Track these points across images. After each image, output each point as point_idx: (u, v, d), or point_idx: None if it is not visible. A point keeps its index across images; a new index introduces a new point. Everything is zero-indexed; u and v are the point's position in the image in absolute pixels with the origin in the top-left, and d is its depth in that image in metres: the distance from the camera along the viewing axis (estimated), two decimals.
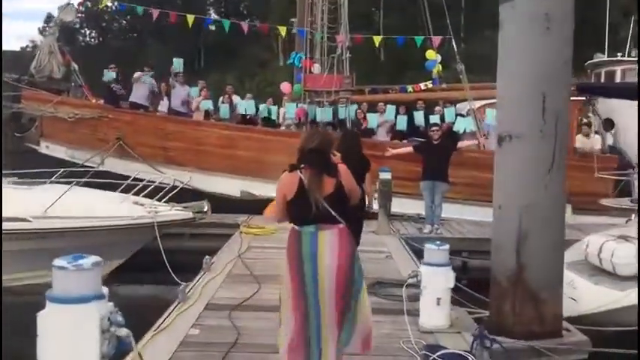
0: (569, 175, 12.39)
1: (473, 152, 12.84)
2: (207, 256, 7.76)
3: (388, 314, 6.02)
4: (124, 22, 72.62)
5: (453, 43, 13.48)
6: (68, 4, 14.55)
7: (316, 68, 13.75)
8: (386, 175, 10.87)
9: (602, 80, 15.00)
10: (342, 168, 4.02)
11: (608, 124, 13.83)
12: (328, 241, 3.80)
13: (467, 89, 13.51)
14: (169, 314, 5.78)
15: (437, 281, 5.57)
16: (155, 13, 15.02)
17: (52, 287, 3.03)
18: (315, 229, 3.82)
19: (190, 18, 14.94)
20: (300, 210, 3.89)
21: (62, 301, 2.96)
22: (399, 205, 12.04)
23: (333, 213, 3.81)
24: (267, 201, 13.04)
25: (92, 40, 65.87)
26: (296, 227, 3.93)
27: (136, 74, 14.23)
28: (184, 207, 9.45)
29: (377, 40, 14.77)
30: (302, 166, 4.02)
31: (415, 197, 12.21)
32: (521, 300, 5.31)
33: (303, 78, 13.48)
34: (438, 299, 5.53)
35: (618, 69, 14.44)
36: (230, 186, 13.19)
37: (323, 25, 13.94)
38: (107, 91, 14.21)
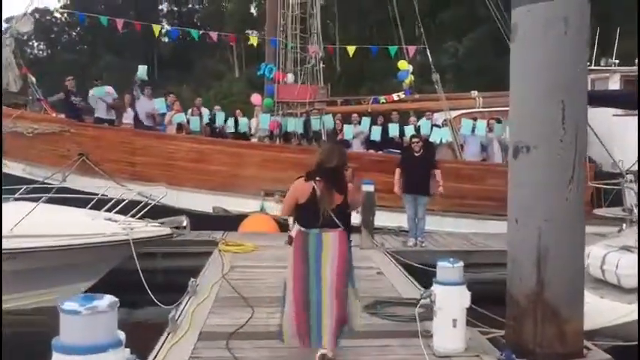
0: None
1: (450, 163, 12.69)
2: (192, 279, 7.25)
3: (396, 337, 5.67)
4: (74, 33, 70.89)
5: (428, 53, 13.31)
6: (25, 14, 13.79)
7: (289, 79, 13.36)
8: (369, 188, 10.53)
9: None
10: (351, 187, 4.82)
11: None
12: (332, 240, 4.69)
13: (443, 99, 13.35)
14: (161, 347, 5.26)
15: (452, 301, 5.23)
16: (119, 23, 14.33)
17: (57, 334, 2.55)
18: (320, 232, 4.68)
19: (156, 28, 14.34)
20: (309, 215, 4.66)
21: (74, 351, 2.50)
22: (378, 218, 11.74)
23: (337, 222, 4.70)
24: (241, 217, 12.63)
25: (40, 52, 63.84)
26: (302, 229, 4.73)
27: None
28: (161, 223, 8.89)
29: (351, 50, 14.51)
30: (317, 178, 4.67)
31: (395, 210, 11.95)
32: (543, 319, 5.03)
33: (277, 89, 13.06)
34: (454, 321, 5.19)
35: (588, 78, 14.47)
36: (202, 202, 12.66)
37: (296, 35, 13.55)
38: (67, 104, 13.47)
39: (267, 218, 12.53)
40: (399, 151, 13.44)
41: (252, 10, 67.28)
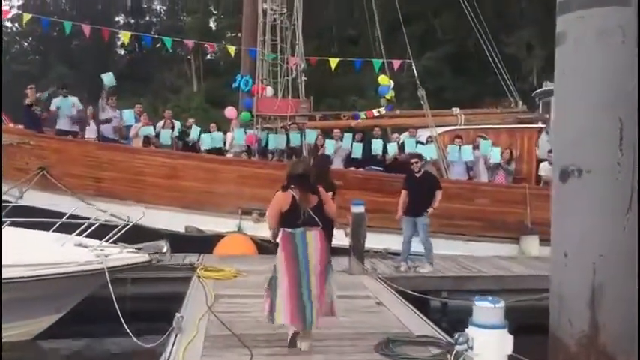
0: (535, 205, 12.16)
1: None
2: (177, 314, 6.40)
3: None
4: (26, 44, 68.50)
5: (414, 67, 12.81)
6: None
7: (269, 91, 12.64)
8: (359, 209, 9.88)
9: (552, 110, 14.84)
10: (321, 189, 5.72)
11: None
12: (313, 237, 5.53)
13: (428, 115, 12.85)
14: None
15: (493, 347, 4.55)
16: (86, 29, 13.36)
17: None
18: (304, 230, 5.50)
19: (126, 35, 13.46)
20: (293, 218, 5.49)
21: None
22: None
23: (316, 219, 5.53)
24: (216, 237, 11.78)
25: None
26: (288, 230, 5.53)
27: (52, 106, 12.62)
28: (138, 248, 8.00)
29: (333, 62, 13.90)
30: (292, 186, 5.53)
31: (382, 231, 11.35)
32: None
33: (256, 102, 12.31)
34: None
35: None
36: (173, 221, 11.74)
37: (275, 45, 12.87)
38: (27, 113, 12.40)
39: (244, 239, 11.73)
40: (381, 168, 12.93)
41: (212, 24, 66.47)
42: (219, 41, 60.32)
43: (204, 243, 11.57)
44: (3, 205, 10.15)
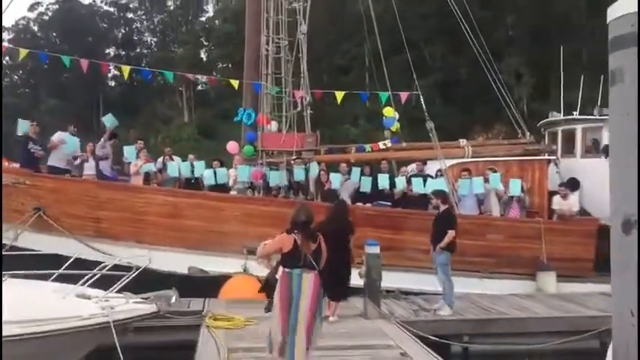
0: (549, 239, 11.77)
1: None
2: None
3: None
4: (16, 77, 68.21)
5: (421, 100, 12.51)
6: None
7: (273, 126, 12.27)
8: (374, 249, 9.45)
9: (560, 140, 14.61)
10: (320, 237, 6.27)
11: (574, 184, 13.28)
12: (308, 279, 6.00)
13: (437, 148, 12.52)
14: None
15: None
16: (84, 63, 12.99)
17: None
18: (301, 272, 5.99)
19: (126, 69, 13.08)
20: (293, 260, 6.02)
21: None
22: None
23: (314, 263, 6.05)
24: (221, 278, 11.28)
25: None
26: (287, 269, 6.06)
27: (55, 137, 12.18)
28: (144, 298, 7.49)
29: (339, 95, 13.59)
30: (295, 231, 6.11)
31: (392, 269, 10.89)
32: None
33: (261, 136, 11.92)
34: None
35: (579, 127, 14.05)
36: (176, 262, 11.23)
37: (279, 79, 12.56)
38: (23, 152, 11.94)
39: (251, 280, 11.16)
40: (389, 203, 12.53)
41: (202, 56, 66.58)
42: (210, 72, 60.50)
43: (209, 284, 11.06)
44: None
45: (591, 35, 39.69)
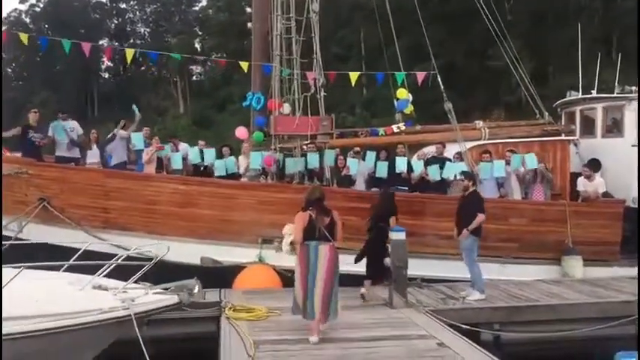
0: (575, 222, 11.35)
1: None
2: None
3: None
4: (9, 70, 67.36)
5: (439, 79, 12.04)
6: None
7: (286, 109, 11.77)
8: (399, 235, 9.03)
9: (578, 120, 14.16)
10: (334, 212, 7.21)
11: (596, 165, 12.87)
12: (324, 250, 7.01)
13: (457, 130, 12.06)
14: None
15: None
16: (86, 47, 12.45)
17: None
18: (317, 244, 7.02)
19: (130, 52, 12.53)
20: (310, 233, 7.02)
21: None
22: None
23: (328, 236, 7.01)
24: (235, 269, 10.83)
25: None
26: (305, 243, 7.07)
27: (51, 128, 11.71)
28: (165, 289, 7.04)
29: (354, 76, 13.09)
30: (310, 208, 7.08)
31: (415, 256, 10.43)
32: None
33: (274, 120, 11.41)
34: None
35: (599, 107, 13.61)
36: (188, 252, 10.72)
37: (289, 60, 12.04)
38: (24, 141, 11.42)
39: (267, 270, 10.79)
40: (406, 187, 12.08)
41: (197, 45, 65.85)
42: (205, 62, 59.73)
43: (222, 275, 10.62)
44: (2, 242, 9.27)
45: (591, 18, 39.32)
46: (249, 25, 63.81)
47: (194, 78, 70.91)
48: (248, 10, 64.99)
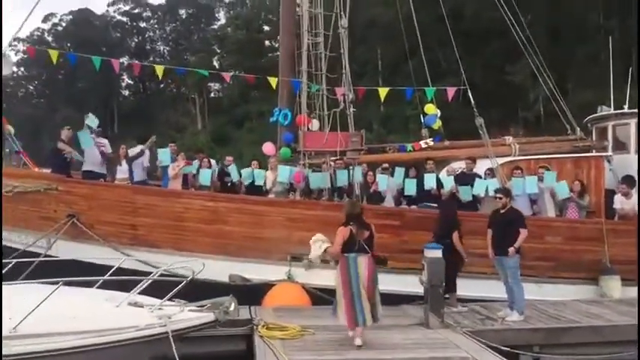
0: (612, 241, 11.03)
1: None
2: None
3: None
4: (31, 87, 68.29)
5: (469, 94, 11.87)
6: (3, 54, 11.73)
7: (314, 125, 11.66)
8: (435, 253, 8.82)
9: (610, 136, 13.88)
10: (372, 226, 7.82)
11: (631, 182, 12.55)
12: (363, 261, 7.56)
13: (488, 145, 11.86)
14: None
15: None
16: (116, 64, 12.50)
17: None
18: (356, 255, 7.55)
19: (160, 69, 12.54)
20: (350, 246, 7.56)
21: None
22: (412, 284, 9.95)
23: (366, 248, 7.59)
24: (263, 287, 10.66)
25: None
26: (345, 255, 7.58)
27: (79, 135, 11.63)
28: (200, 306, 6.92)
29: (383, 92, 12.97)
30: (351, 223, 7.63)
31: None
32: None
33: (303, 136, 11.30)
34: None
35: (632, 122, 13.33)
36: (216, 269, 10.52)
37: (317, 75, 11.95)
38: (55, 157, 11.40)
39: (296, 288, 10.61)
40: (436, 204, 11.87)
41: (215, 63, 66.32)
42: (223, 79, 59.92)
43: (250, 293, 10.43)
44: (32, 258, 9.22)
45: (608, 35, 39.06)
46: (267, 42, 64.64)
47: (212, 95, 71.39)
48: (266, 28, 65.71)
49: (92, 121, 11.94)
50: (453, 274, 9.63)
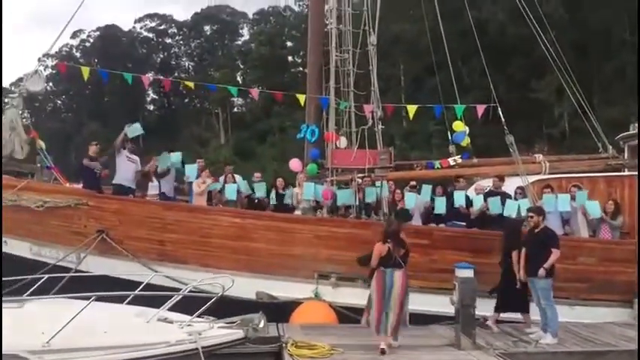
0: None
1: None
2: None
3: None
4: (59, 102, 69.57)
5: (499, 111, 11.74)
6: (36, 71, 11.93)
7: (342, 142, 11.63)
8: (466, 273, 8.67)
9: None
10: (407, 243, 8.45)
11: None
12: (398, 276, 8.22)
13: (519, 163, 11.69)
14: None
15: None
16: (146, 79, 12.64)
17: None
18: (392, 270, 8.23)
19: (190, 84, 12.64)
20: (387, 261, 8.24)
21: None
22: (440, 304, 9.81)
23: (402, 263, 8.27)
24: (290, 304, 10.59)
25: (24, 120, 62.07)
26: (382, 269, 8.26)
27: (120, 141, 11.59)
28: (229, 322, 6.88)
29: (411, 109, 12.92)
30: (388, 240, 8.29)
31: None
32: None
33: (330, 153, 11.27)
34: None
35: None
36: (243, 286, 10.47)
37: (346, 92, 11.95)
38: (85, 172, 11.50)
39: (324, 306, 10.52)
40: (464, 223, 11.73)
41: (239, 78, 66.95)
42: (246, 94, 60.31)
43: (277, 311, 10.35)
44: (63, 274, 9.29)
45: (634, 50, 38.57)
46: (290, 58, 65.04)
47: (235, 110, 71.97)
48: (289, 44, 66.28)
49: (134, 130, 11.67)
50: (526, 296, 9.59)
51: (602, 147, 13.40)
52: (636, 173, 12.50)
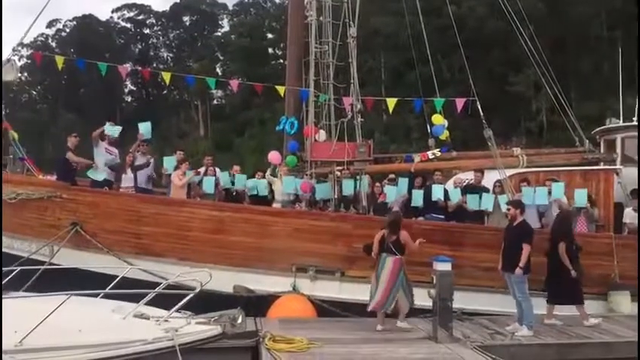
0: (622, 256, 10.86)
1: None
2: None
3: None
4: (34, 92, 68.42)
5: (478, 106, 11.77)
6: (8, 60, 11.68)
7: (322, 135, 11.57)
8: (444, 266, 8.69)
9: (619, 148, 13.75)
10: (402, 232, 9.21)
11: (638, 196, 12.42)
12: (389, 261, 9.03)
13: (496, 157, 11.73)
14: None
15: None
16: (123, 70, 12.42)
17: None
18: (385, 256, 9.05)
19: (167, 75, 12.47)
20: (381, 248, 9.09)
21: None
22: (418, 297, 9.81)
23: (395, 251, 9.03)
24: (268, 298, 10.52)
25: None
26: (379, 255, 9.14)
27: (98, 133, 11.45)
28: (207, 318, 6.80)
29: (391, 103, 12.87)
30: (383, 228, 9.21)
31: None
32: None
33: (310, 147, 11.21)
34: None
35: None
36: (220, 280, 10.37)
37: (325, 84, 11.89)
38: (60, 164, 11.29)
39: (302, 299, 10.48)
40: (442, 216, 11.75)
41: (218, 70, 66.42)
42: (226, 86, 60.00)
43: (255, 304, 10.30)
44: (36, 266, 9.16)
45: (612, 46, 39.05)
46: (270, 50, 64.69)
47: (214, 102, 71.48)
48: (269, 35, 65.88)
49: (112, 130, 11.68)
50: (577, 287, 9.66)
51: (579, 141, 13.51)
52: (611, 167, 12.68)
